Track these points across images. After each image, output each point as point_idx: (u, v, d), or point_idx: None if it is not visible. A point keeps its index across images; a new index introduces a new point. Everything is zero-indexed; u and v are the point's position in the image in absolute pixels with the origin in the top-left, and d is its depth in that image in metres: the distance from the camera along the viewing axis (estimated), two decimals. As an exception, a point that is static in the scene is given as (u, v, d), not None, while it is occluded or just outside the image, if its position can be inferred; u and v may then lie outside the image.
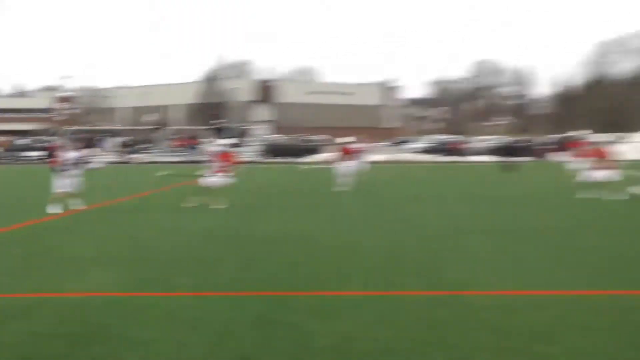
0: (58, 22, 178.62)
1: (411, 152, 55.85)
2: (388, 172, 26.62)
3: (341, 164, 22.64)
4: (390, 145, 60.86)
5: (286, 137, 58.50)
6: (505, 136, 59.01)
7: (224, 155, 17.63)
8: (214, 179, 17.20)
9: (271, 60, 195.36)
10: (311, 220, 14.45)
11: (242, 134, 57.18)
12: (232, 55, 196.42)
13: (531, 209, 16.64)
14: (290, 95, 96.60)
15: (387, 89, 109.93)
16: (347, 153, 22.74)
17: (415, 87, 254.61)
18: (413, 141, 65.40)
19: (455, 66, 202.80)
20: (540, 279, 8.08)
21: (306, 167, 40.37)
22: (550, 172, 33.48)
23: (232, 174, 17.58)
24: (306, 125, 77.40)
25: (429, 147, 57.61)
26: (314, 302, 6.97)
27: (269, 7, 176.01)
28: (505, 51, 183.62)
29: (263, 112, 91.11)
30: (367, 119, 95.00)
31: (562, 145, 50.69)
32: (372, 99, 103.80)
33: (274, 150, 54.58)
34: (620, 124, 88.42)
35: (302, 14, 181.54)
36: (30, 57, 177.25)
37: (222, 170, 17.21)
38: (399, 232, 12.53)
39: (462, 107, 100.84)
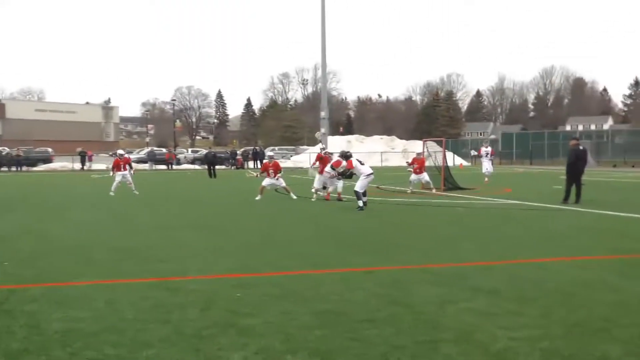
0: None
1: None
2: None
3: (116, 172, 21.77)
4: (111, 156, 58.72)
5: (15, 149, 53.67)
6: (209, 148, 59.44)
7: None
8: None
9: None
10: (48, 221, 13.37)
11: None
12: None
13: (229, 209, 17.19)
14: (17, 112, 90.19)
15: (107, 108, 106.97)
16: (120, 163, 21.75)
17: (132, 106, 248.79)
18: (131, 152, 63.58)
19: (166, 89, 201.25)
20: (240, 264, 8.33)
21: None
22: (244, 178, 34.69)
23: None
24: (35, 139, 72.29)
25: (144, 157, 56.47)
26: (49, 293, 6.54)
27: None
28: (208, 78, 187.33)
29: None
30: (91, 134, 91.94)
31: (253, 156, 52.68)
32: (95, 117, 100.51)
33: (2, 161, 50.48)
34: (293, 139, 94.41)
35: (29, 38, 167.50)
36: None
37: None
38: (124, 230, 12.21)
39: (172, 123, 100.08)
